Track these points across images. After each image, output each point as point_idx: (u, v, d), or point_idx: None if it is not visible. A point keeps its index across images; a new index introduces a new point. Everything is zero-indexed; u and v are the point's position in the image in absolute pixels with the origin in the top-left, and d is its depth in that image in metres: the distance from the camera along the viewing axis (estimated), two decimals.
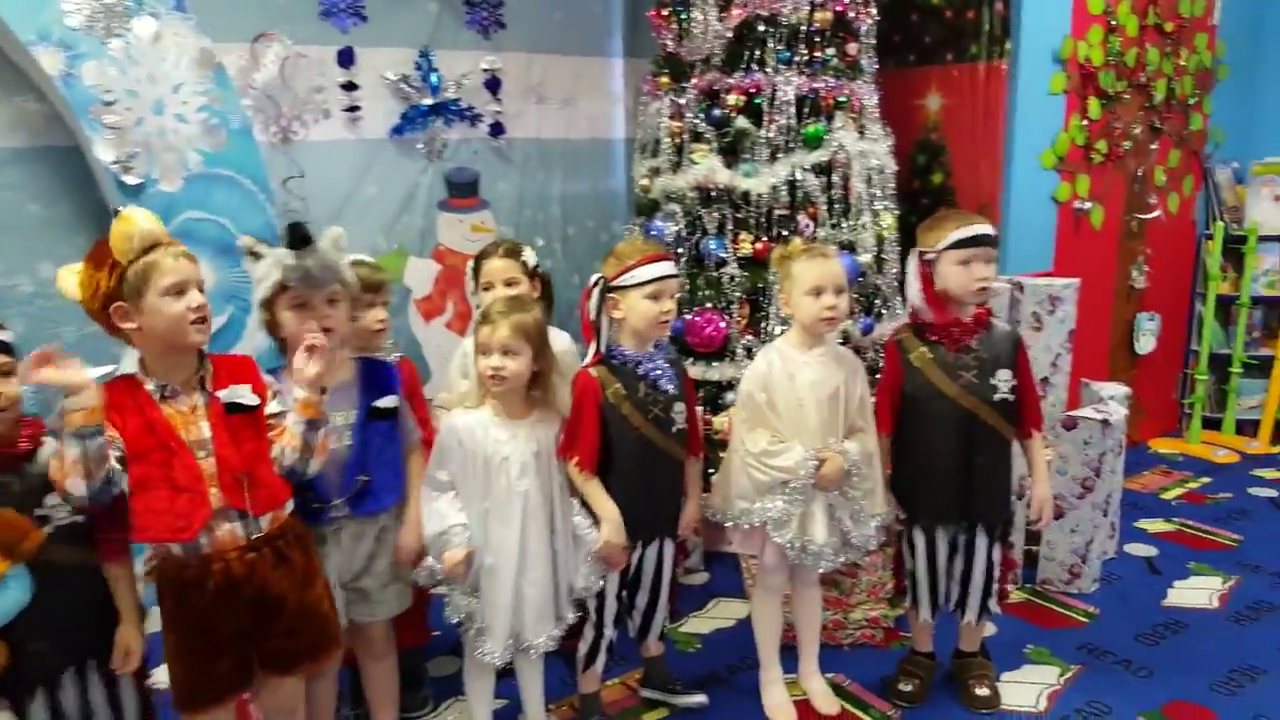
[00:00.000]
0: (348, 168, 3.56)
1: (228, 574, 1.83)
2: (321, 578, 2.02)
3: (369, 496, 2.15)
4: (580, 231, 4.12)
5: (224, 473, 1.82)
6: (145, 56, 2.40)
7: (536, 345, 2.19)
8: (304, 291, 2.02)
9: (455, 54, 3.67)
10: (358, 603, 2.23)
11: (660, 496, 2.39)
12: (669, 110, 3.49)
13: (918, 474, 2.50)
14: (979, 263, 2.33)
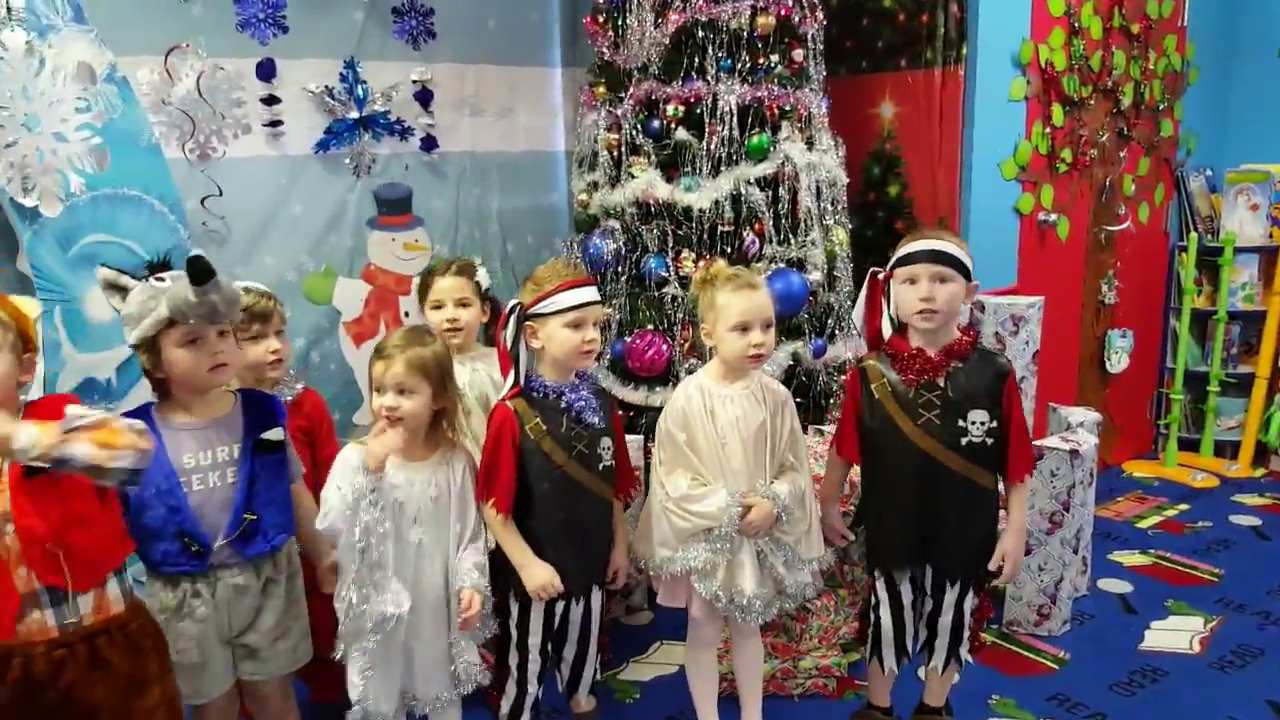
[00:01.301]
0: (270, 185, 3.44)
1: (27, 672, 1.65)
2: (161, 687, 1.82)
3: (257, 536, 2.02)
4: (521, 249, 4.01)
5: (29, 547, 1.64)
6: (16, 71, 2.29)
7: (437, 382, 2.08)
8: (197, 327, 1.91)
9: (383, 65, 3.57)
10: (245, 659, 2.09)
11: (587, 541, 2.27)
12: (606, 122, 3.40)
13: (878, 511, 2.36)
14: (925, 281, 2.16)
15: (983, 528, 2.29)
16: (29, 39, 2.33)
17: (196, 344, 1.91)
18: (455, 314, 2.65)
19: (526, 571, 2.16)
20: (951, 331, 2.24)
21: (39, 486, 1.64)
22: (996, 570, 2.28)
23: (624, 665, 2.99)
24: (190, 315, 1.84)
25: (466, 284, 2.68)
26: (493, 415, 2.20)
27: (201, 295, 1.81)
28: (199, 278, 1.80)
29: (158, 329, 1.89)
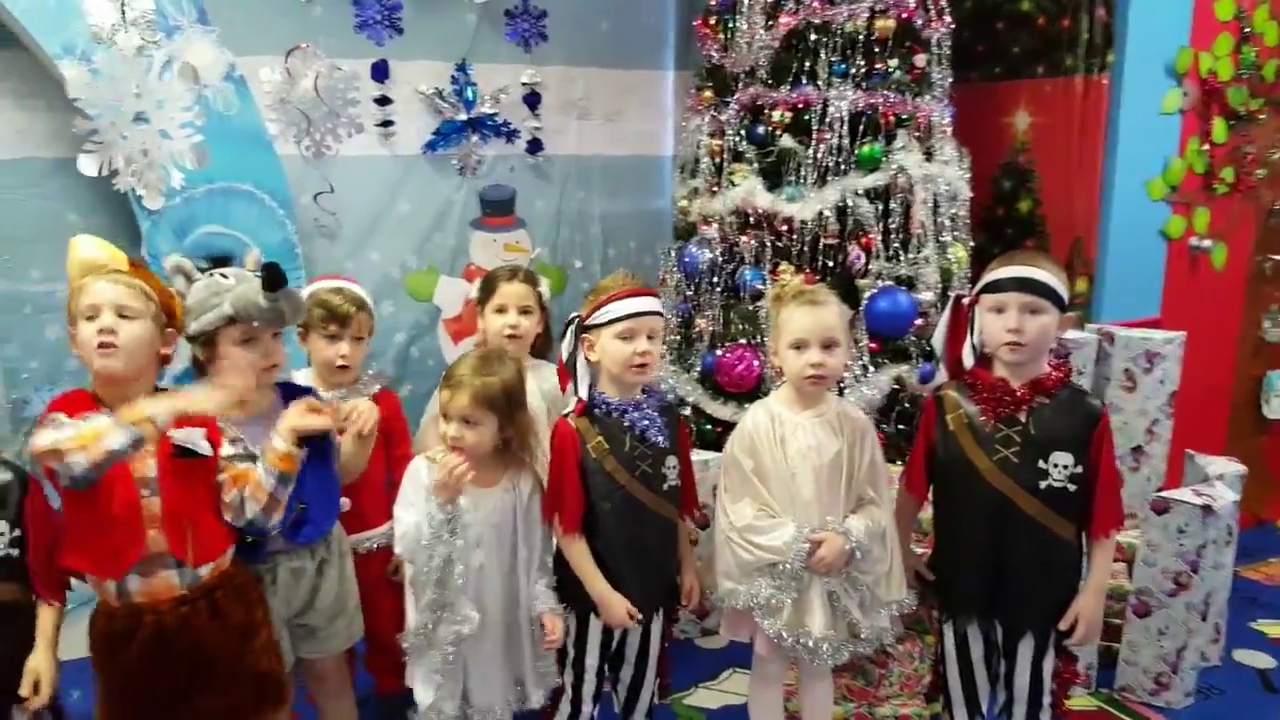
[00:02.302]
0: (380, 184, 3.56)
1: (159, 627, 1.80)
2: (264, 633, 1.96)
3: (307, 525, 2.09)
4: (621, 253, 3.99)
5: (168, 516, 1.80)
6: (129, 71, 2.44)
7: (504, 412, 2.06)
8: (256, 329, 1.99)
9: (493, 67, 3.63)
10: (305, 639, 2.17)
11: (650, 563, 2.20)
12: (709, 127, 3.34)
13: (947, 555, 2.21)
14: (1013, 311, 2.00)
15: (1059, 582, 2.09)
16: (149, 41, 2.47)
17: (252, 344, 1.99)
18: (517, 321, 2.64)
19: (603, 604, 2.12)
20: (1040, 365, 2.06)
21: (182, 467, 1.82)
22: (1071, 630, 2.08)
23: (691, 690, 2.91)
24: (257, 318, 1.92)
25: (530, 292, 2.67)
26: (554, 432, 2.16)
27: (272, 301, 1.89)
28: (273, 284, 1.88)
29: (218, 325, 1.96)
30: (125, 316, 1.80)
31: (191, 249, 3.09)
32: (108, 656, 1.84)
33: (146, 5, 2.75)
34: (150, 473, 1.80)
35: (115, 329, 1.77)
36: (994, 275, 2.07)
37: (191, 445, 1.81)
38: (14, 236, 3.16)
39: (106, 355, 1.77)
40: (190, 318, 1.98)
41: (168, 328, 1.89)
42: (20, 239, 3.17)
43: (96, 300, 1.78)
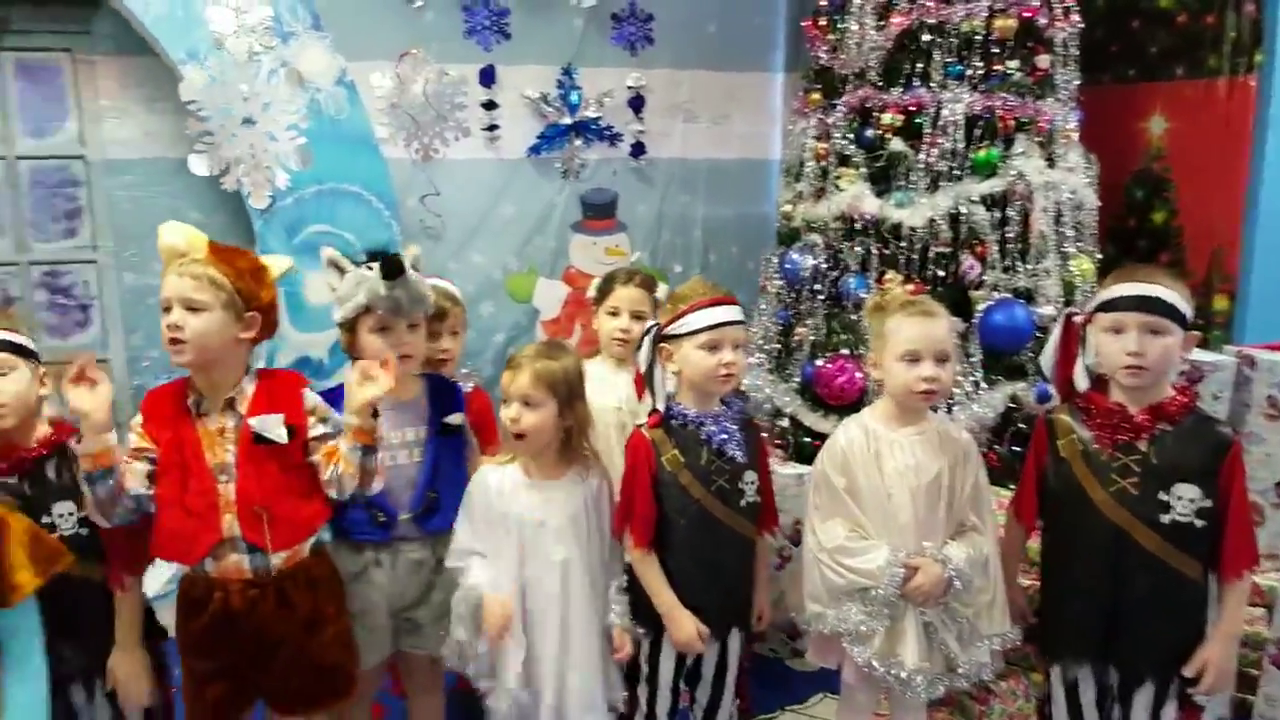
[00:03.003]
0: (484, 186, 3.63)
1: (226, 606, 1.85)
2: (334, 626, 1.99)
3: (437, 514, 2.14)
4: (723, 258, 3.96)
5: (242, 503, 1.85)
6: (239, 74, 2.56)
7: (564, 398, 2.03)
8: (387, 318, 2.06)
9: (599, 71, 3.65)
10: (408, 634, 2.21)
11: (726, 580, 2.13)
12: (815, 130, 3.26)
13: (1056, 591, 2.07)
14: (1133, 333, 1.86)
15: (1182, 625, 1.91)
16: (264, 46, 2.58)
17: (387, 332, 2.06)
18: (629, 325, 2.62)
19: (671, 621, 2.07)
20: (1163, 389, 1.90)
21: (263, 453, 1.86)
22: (1196, 678, 1.91)
23: (777, 713, 2.83)
24: (379, 306, 2.01)
25: (646, 297, 2.64)
26: (629, 443, 2.13)
27: (390, 289, 1.98)
28: (389, 273, 1.98)
29: (357, 313, 2.06)
30: (192, 310, 1.82)
31: (301, 247, 3.22)
32: (183, 619, 1.92)
33: (265, 12, 2.88)
34: (229, 459, 1.85)
35: (182, 324, 1.81)
36: (1111, 293, 1.93)
37: (264, 432, 1.84)
38: (141, 232, 3.35)
39: (176, 352, 1.82)
40: (338, 306, 2.07)
41: (247, 311, 1.88)
42: (146, 235, 3.32)
43: (166, 294, 1.83)
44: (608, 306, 2.67)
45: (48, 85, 3.25)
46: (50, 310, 3.34)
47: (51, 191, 3.30)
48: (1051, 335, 2.11)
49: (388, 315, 2.04)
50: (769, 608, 2.26)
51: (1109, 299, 1.93)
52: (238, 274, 1.89)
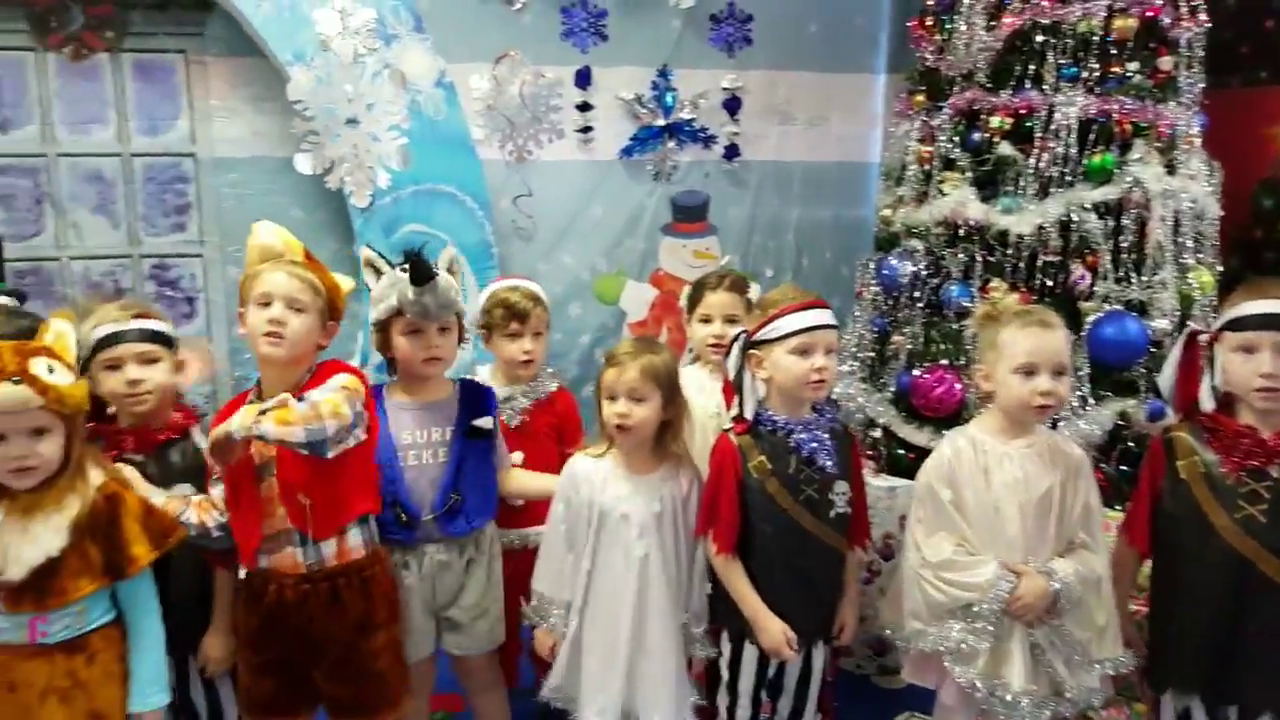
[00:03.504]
0: (576, 188, 3.66)
1: (280, 598, 1.90)
2: (386, 632, 2.01)
3: (460, 516, 2.16)
4: (817, 263, 3.91)
5: (285, 495, 1.89)
6: (343, 75, 2.63)
7: (666, 391, 2.05)
8: (417, 321, 2.09)
9: (694, 73, 3.65)
10: (449, 632, 2.24)
11: (813, 592, 2.10)
12: (919, 132, 3.19)
13: (1169, 621, 1.98)
14: (1267, 353, 1.78)
15: None
16: (368, 48, 2.65)
17: (417, 335, 2.09)
18: (723, 330, 2.59)
19: (758, 626, 2.05)
20: None
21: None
22: None
23: None
24: (408, 310, 2.03)
25: (738, 300, 2.61)
26: (715, 448, 2.11)
27: (418, 294, 1.99)
28: (418, 279, 1.97)
29: (389, 315, 2.09)
30: (295, 309, 1.89)
31: (396, 246, 3.29)
32: (242, 609, 1.97)
33: (369, 14, 2.96)
34: (270, 453, 1.89)
35: (284, 320, 1.87)
36: (1240, 310, 1.85)
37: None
38: (245, 229, 3.41)
39: (273, 344, 1.88)
40: (373, 306, 2.10)
41: (330, 320, 1.97)
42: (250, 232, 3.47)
43: (271, 290, 1.89)
44: (700, 314, 2.64)
45: (162, 85, 3.41)
46: (158, 302, 3.49)
47: (163, 188, 3.46)
48: (1172, 352, 2.02)
49: (416, 319, 2.07)
50: (853, 622, 2.21)
51: (1238, 316, 1.84)
52: (329, 285, 1.98)
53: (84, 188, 3.41)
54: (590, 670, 2.09)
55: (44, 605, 1.71)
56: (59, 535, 1.69)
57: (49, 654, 1.74)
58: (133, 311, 1.99)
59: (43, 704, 1.73)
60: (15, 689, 1.72)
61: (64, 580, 1.71)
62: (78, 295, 3.45)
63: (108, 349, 1.94)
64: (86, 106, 3.37)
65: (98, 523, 1.75)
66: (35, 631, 1.72)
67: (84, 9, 3.26)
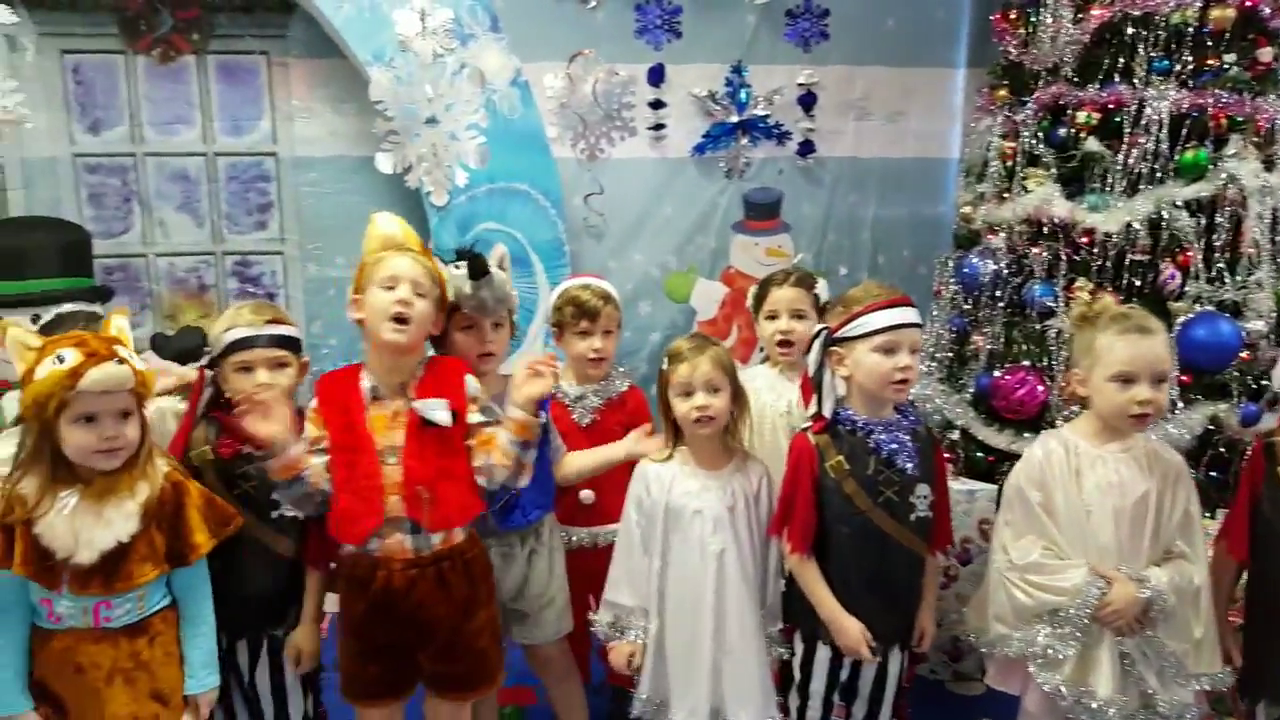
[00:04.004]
0: (647, 185, 3.68)
1: (388, 585, 1.94)
2: (486, 611, 2.06)
3: (516, 510, 2.21)
4: (893, 261, 3.87)
5: (407, 483, 1.93)
6: (425, 76, 2.68)
7: (734, 382, 2.08)
8: (473, 316, 2.13)
9: (769, 69, 3.64)
10: (517, 623, 2.29)
11: (890, 596, 2.08)
12: (1002, 128, 3.14)
13: (1265, 632, 1.95)
14: None
15: None
16: (445, 48, 2.70)
17: (472, 330, 2.13)
18: (790, 326, 2.58)
19: (836, 627, 2.05)
20: None
21: (429, 436, 1.94)
22: None
23: None
24: (465, 305, 2.08)
25: (805, 296, 2.60)
26: (792, 447, 2.11)
27: (475, 289, 2.04)
28: (475, 273, 2.03)
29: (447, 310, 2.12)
30: (419, 294, 1.93)
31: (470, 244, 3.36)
32: (346, 598, 2.01)
33: (446, 15, 3.01)
34: (397, 441, 1.93)
35: (411, 302, 1.92)
36: None
37: (428, 414, 1.91)
38: (324, 227, 3.57)
39: (399, 328, 1.91)
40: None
41: (440, 310, 2.02)
42: (329, 229, 3.58)
43: (396, 273, 1.93)
44: (766, 310, 2.64)
45: (245, 86, 3.52)
46: (239, 297, 3.61)
47: (245, 186, 3.57)
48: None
49: (473, 313, 2.10)
50: (933, 629, 2.19)
51: None
52: (439, 275, 2.03)
53: (170, 186, 3.54)
54: (675, 671, 2.11)
55: (111, 589, 1.77)
56: (130, 520, 1.76)
57: (113, 637, 1.81)
58: (266, 316, 2.07)
59: (109, 685, 1.80)
60: (83, 671, 1.79)
61: (131, 565, 1.78)
62: (162, 291, 3.59)
63: (241, 352, 2.02)
64: (173, 107, 3.49)
65: (164, 510, 1.83)
66: (99, 616, 1.79)
67: (172, 12, 3.38)
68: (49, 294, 2.80)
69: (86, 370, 1.68)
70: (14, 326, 1.84)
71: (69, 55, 3.41)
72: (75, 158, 3.47)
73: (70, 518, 1.72)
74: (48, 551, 1.72)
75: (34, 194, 3.42)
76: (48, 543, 1.71)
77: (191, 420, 2.09)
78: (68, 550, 1.71)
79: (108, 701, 1.79)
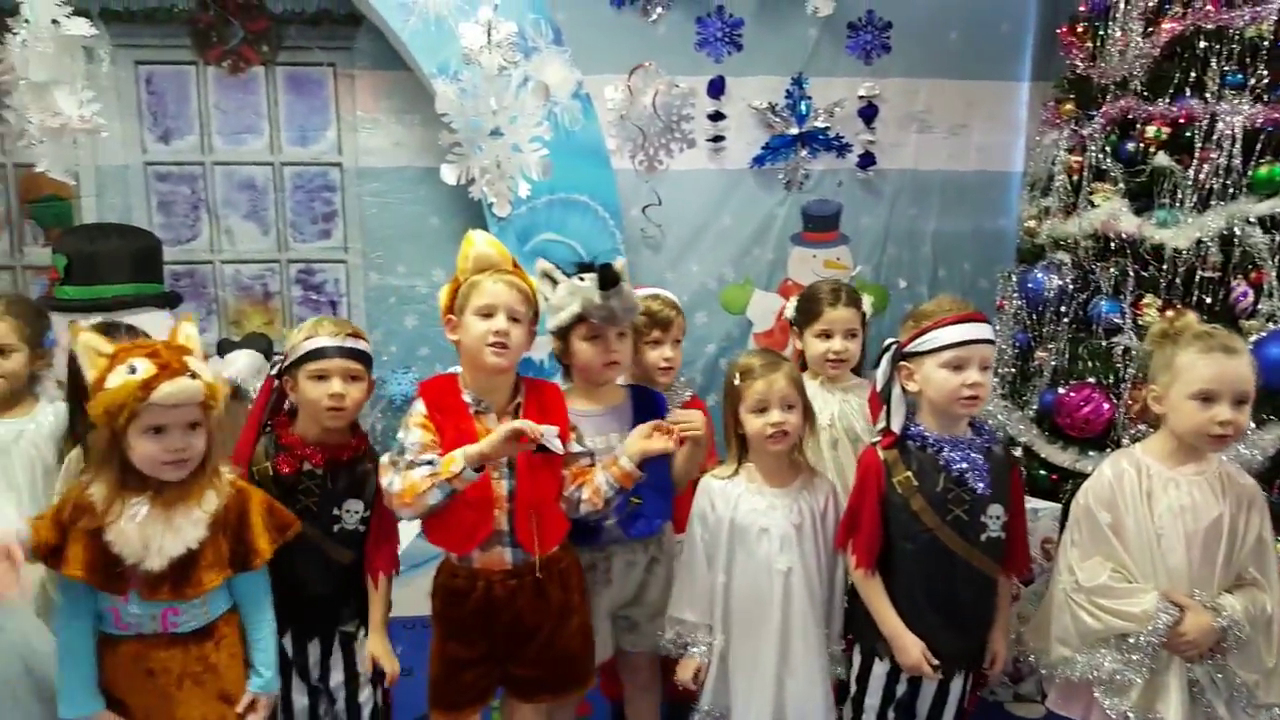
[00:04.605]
0: (705, 197, 3.71)
1: (489, 595, 2.00)
2: (579, 616, 2.11)
3: (640, 519, 2.23)
4: (954, 275, 3.86)
5: (520, 505, 1.99)
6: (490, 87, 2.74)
7: (805, 398, 2.11)
8: (600, 326, 2.17)
9: (830, 81, 3.66)
10: (627, 631, 2.32)
11: (957, 617, 2.07)
12: (1068, 142, 3.13)
13: None
14: None
15: None
16: (509, 61, 2.75)
17: (597, 340, 2.16)
18: (844, 346, 2.59)
19: (897, 645, 2.05)
20: None
21: (538, 460, 1.99)
22: None
23: None
24: (594, 315, 2.12)
25: (856, 315, 2.61)
26: (860, 460, 2.13)
27: (605, 299, 2.08)
28: (606, 283, 2.08)
29: (570, 322, 2.16)
30: (514, 320, 2.00)
31: (530, 255, 3.41)
32: (445, 608, 2.07)
33: (510, 28, 3.07)
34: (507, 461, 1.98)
35: (508, 331, 1.97)
36: None
37: (547, 443, 1.93)
38: (386, 236, 3.66)
39: (499, 355, 1.97)
40: (551, 315, 2.19)
41: (533, 325, 2.08)
42: (391, 239, 3.66)
43: (494, 301, 1.99)
44: (818, 329, 2.63)
45: (312, 97, 3.61)
46: (302, 304, 3.70)
47: (310, 195, 3.66)
48: None
49: (601, 324, 2.14)
50: (1004, 653, 2.18)
51: None
52: (534, 292, 2.09)
53: (237, 195, 3.64)
54: (738, 686, 2.13)
55: (180, 595, 1.82)
56: (199, 528, 1.81)
57: (182, 641, 1.86)
58: (346, 330, 2.14)
59: (180, 688, 1.85)
60: (154, 675, 1.84)
61: (199, 572, 1.82)
62: (228, 297, 3.69)
63: (318, 360, 2.09)
64: (241, 117, 3.60)
65: (229, 517, 1.88)
66: (167, 622, 1.84)
67: (243, 25, 3.48)
68: (120, 299, 2.90)
69: (159, 384, 1.73)
70: (85, 331, 1.89)
71: (143, 66, 3.53)
72: (146, 166, 3.58)
73: (141, 525, 1.77)
74: (116, 558, 1.76)
75: (106, 201, 3.54)
76: (118, 549, 1.76)
77: (256, 428, 2.15)
78: (137, 557, 1.76)
79: (179, 704, 1.85)
